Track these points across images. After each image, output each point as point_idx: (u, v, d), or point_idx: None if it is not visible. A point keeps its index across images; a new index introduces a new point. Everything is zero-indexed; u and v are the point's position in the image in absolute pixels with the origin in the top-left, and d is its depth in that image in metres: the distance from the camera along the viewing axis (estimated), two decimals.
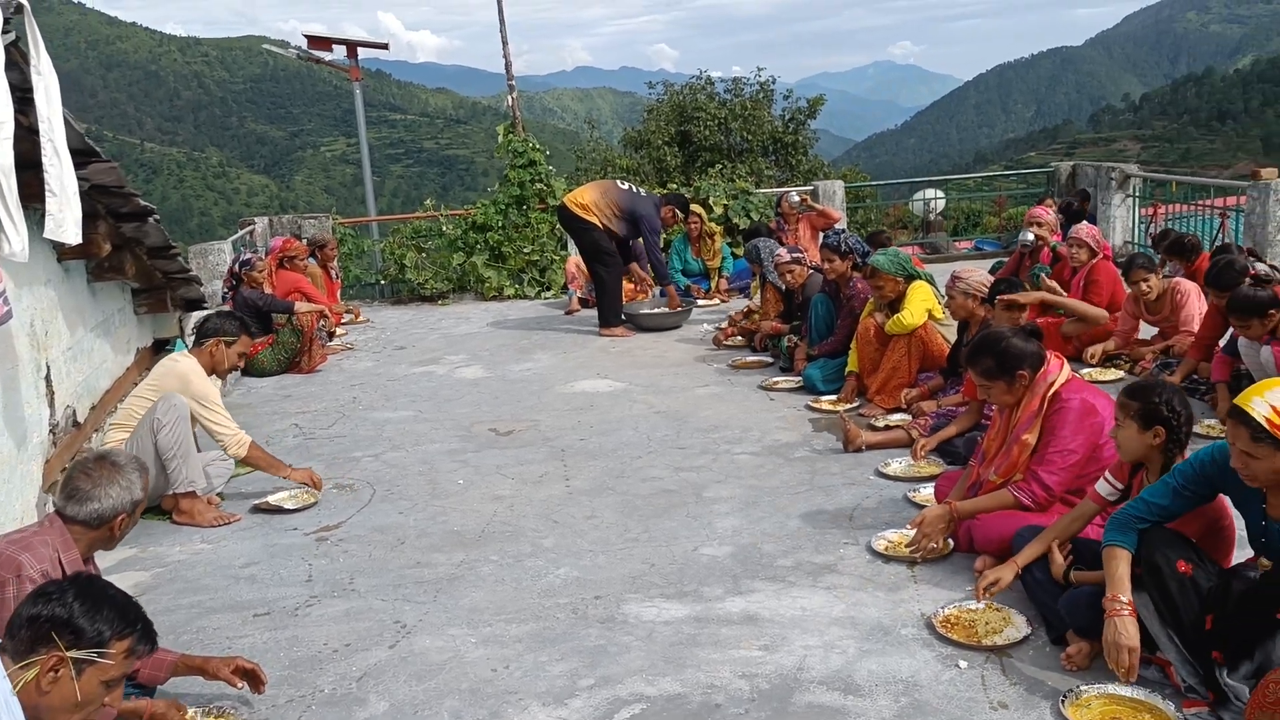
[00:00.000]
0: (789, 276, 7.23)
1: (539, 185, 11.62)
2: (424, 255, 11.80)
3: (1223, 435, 2.83)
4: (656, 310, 9.08)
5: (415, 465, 5.62)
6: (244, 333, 5.22)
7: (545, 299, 11.02)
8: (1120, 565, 2.95)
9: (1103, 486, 3.39)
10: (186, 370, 4.98)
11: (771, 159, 26.02)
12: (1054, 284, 6.43)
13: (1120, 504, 3.29)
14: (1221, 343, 5.64)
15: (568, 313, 9.98)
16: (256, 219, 11.46)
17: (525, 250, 11.31)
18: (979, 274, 5.65)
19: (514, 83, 14.62)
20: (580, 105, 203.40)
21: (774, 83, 26.86)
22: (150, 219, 5.66)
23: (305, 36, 17.42)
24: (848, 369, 6.31)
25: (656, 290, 9.96)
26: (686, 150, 25.36)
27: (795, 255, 7.25)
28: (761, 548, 4.21)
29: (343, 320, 10.01)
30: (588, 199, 8.70)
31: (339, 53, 17.47)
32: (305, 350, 8.10)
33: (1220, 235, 9.03)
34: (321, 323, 8.31)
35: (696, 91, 26.54)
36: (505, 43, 14.80)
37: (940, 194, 14.95)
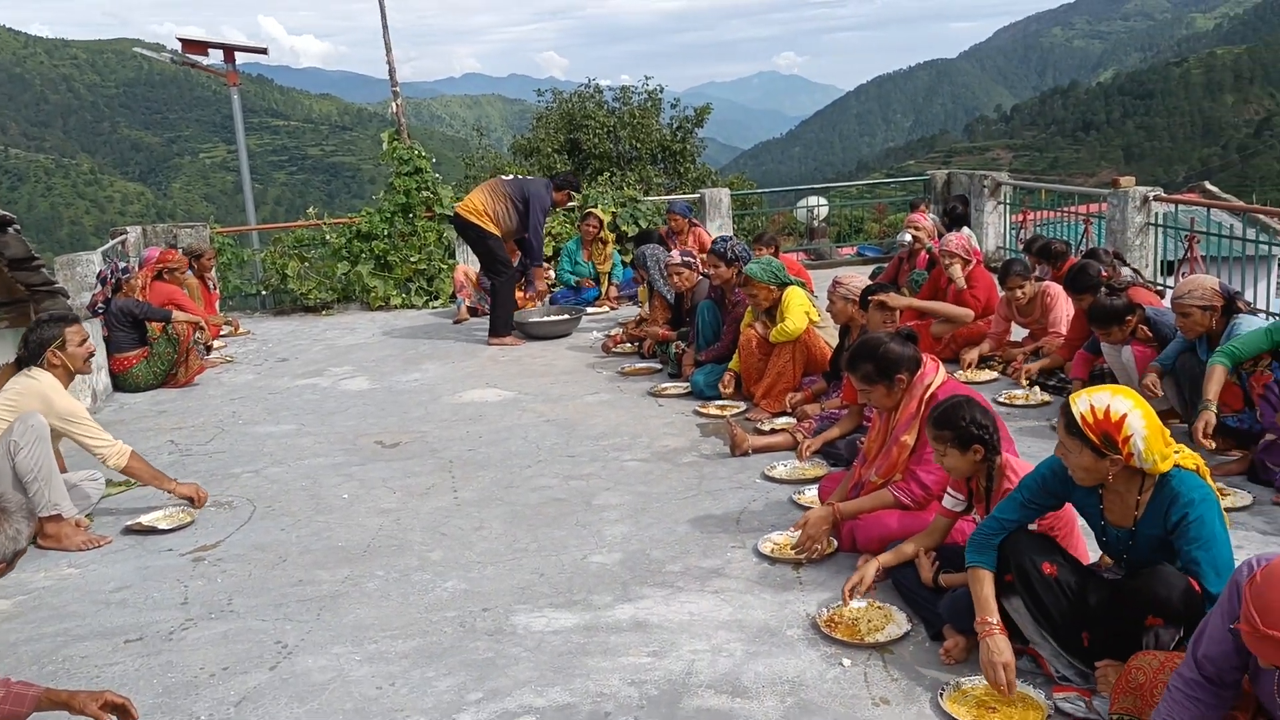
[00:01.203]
0: (677, 279, 7.29)
1: (425, 193, 11.45)
2: (307, 265, 11.50)
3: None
4: (546, 318, 9.05)
5: (298, 480, 5.48)
6: (70, 323, 4.93)
7: (433, 308, 10.87)
8: (984, 587, 3.06)
9: (948, 500, 3.55)
10: (47, 389, 4.72)
11: (660, 167, 26.22)
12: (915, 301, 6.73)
13: (966, 511, 3.42)
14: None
15: (456, 322, 9.86)
16: (129, 228, 11.00)
17: (412, 259, 11.13)
18: (858, 279, 5.79)
19: (398, 89, 14.39)
20: (469, 112, 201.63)
21: (662, 91, 27.07)
22: (10, 229, 5.39)
23: (179, 40, 16.84)
24: (729, 366, 6.39)
25: (546, 299, 9.94)
26: (576, 158, 25.36)
27: (685, 259, 7.31)
28: (650, 554, 4.23)
29: (221, 332, 9.69)
30: (477, 203, 8.63)
31: (216, 57, 16.94)
32: (181, 362, 7.81)
33: (1084, 240, 9.44)
34: (198, 335, 8.03)
35: (585, 100, 26.57)
36: (389, 48, 14.57)
37: (824, 201, 15.24)
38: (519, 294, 9.74)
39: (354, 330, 9.91)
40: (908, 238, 7.93)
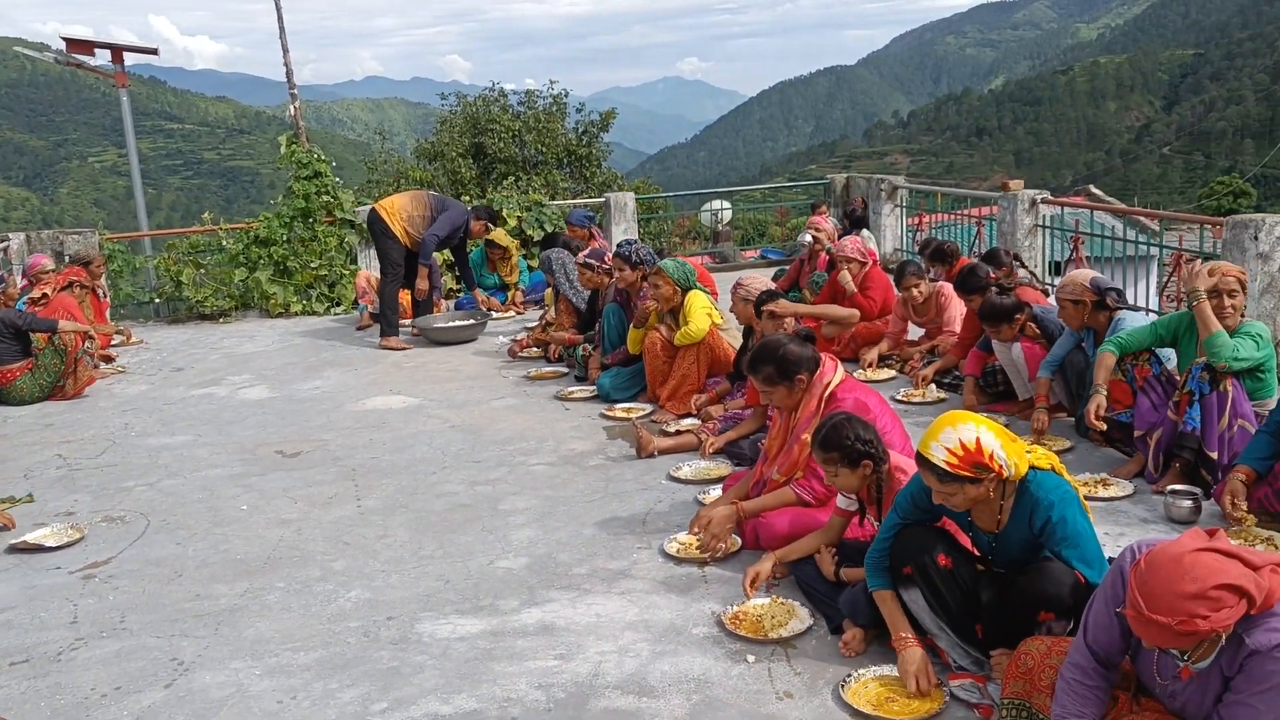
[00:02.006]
0: (585, 278, 7.32)
1: (325, 197, 11.24)
2: (203, 271, 11.20)
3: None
4: (450, 324, 8.97)
5: (194, 493, 5.33)
6: None
7: (335, 315, 10.67)
8: (890, 606, 3.17)
9: (842, 501, 3.64)
10: None
11: (566, 171, 26.16)
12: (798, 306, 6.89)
13: (860, 512, 3.52)
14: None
15: (359, 328, 9.71)
16: (11, 235, 10.56)
17: (313, 265, 10.91)
18: (759, 281, 5.88)
19: (296, 91, 14.10)
20: (371, 116, 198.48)
21: (566, 96, 27.01)
22: None
23: (64, 40, 16.21)
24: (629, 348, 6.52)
25: (451, 303, 9.87)
26: (481, 162, 25.15)
27: (588, 259, 7.32)
28: (557, 557, 4.23)
29: (112, 342, 9.36)
30: (397, 203, 8.81)
31: (104, 57, 16.35)
32: (69, 374, 7.53)
33: (977, 242, 9.75)
34: (87, 344, 7.74)
35: (490, 103, 26.36)
36: (286, 50, 14.27)
37: (727, 205, 15.43)
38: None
39: (253, 338, 9.67)
40: (808, 239, 8.09)
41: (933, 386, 6.28)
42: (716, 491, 4.72)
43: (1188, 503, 4.18)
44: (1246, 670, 2.24)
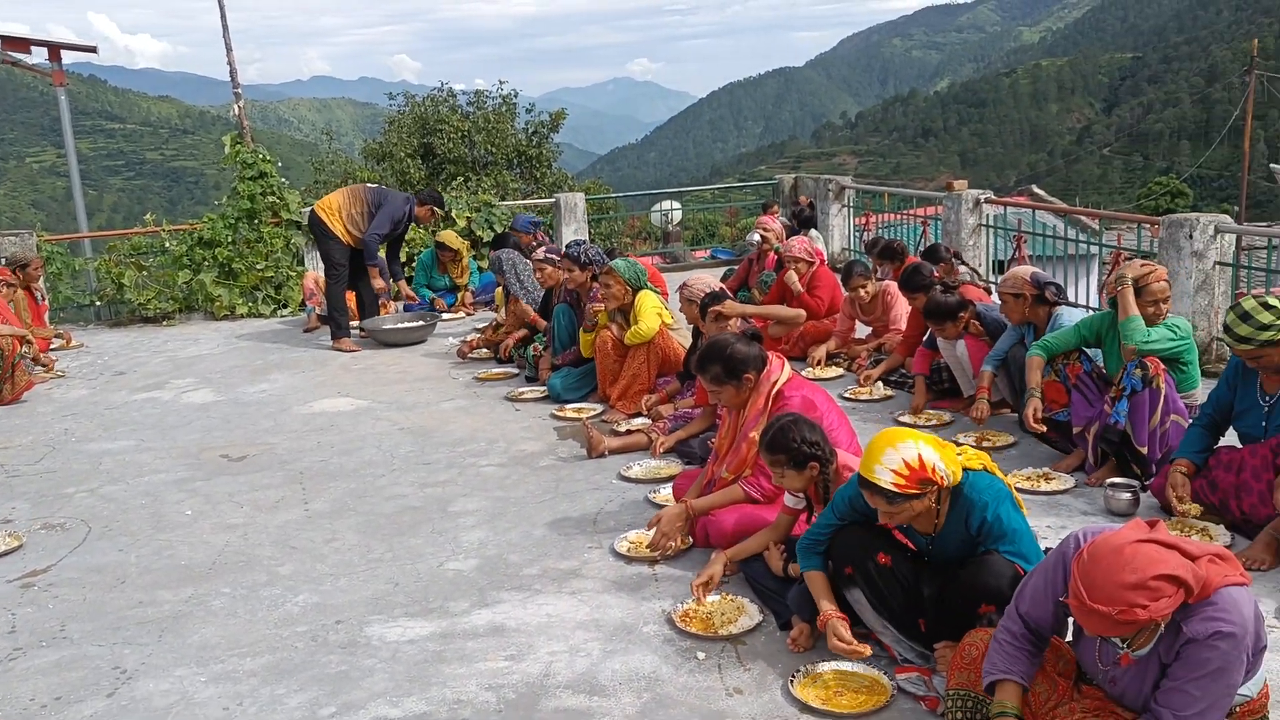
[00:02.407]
0: (540, 275, 7.30)
1: (271, 198, 11.09)
2: (145, 274, 10.99)
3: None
4: (400, 325, 8.90)
5: (137, 498, 5.24)
6: None
7: (282, 317, 10.54)
8: (818, 584, 3.24)
9: (789, 499, 3.67)
10: None
11: (516, 172, 26.08)
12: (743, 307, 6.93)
13: (807, 510, 3.59)
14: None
15: (306, 330, 9.60)
16: None
17: (259, 266, 10.76)
18: (703, 282, 5.86)
19: (240, 90, 13.89)
20: (318, 116, 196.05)
21: (516, 96, 26.93)
22: None
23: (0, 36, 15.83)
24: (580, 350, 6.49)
25: (400, 305, 9.79)
26: (430, 163, 24.99)
27: (549, 255, 7.31)
28: (508, 558, 4.22)
29: (51, 346, 9.16)
30: (334, 202, 8.66)
31: (41, 55, 15.98)
32: (6, 379, 7.35)
33: (922, 241, 9.88)
34: (24, 349, 7.57)
35: (439, 104, 26.20)
36: (229, 48, 14.05)
37: (677, 206, 15.49)
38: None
39: (198, 341, 9.52)
40: (756, 238, 8.14)
41: (879, 384, 6.35)
42: (667, 490, 4.74)
43: (1126, 495, 4.28)
44: (1183, 657, 2.30)
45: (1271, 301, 3.86)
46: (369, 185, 8.95)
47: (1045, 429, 4.82)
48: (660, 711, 3.04)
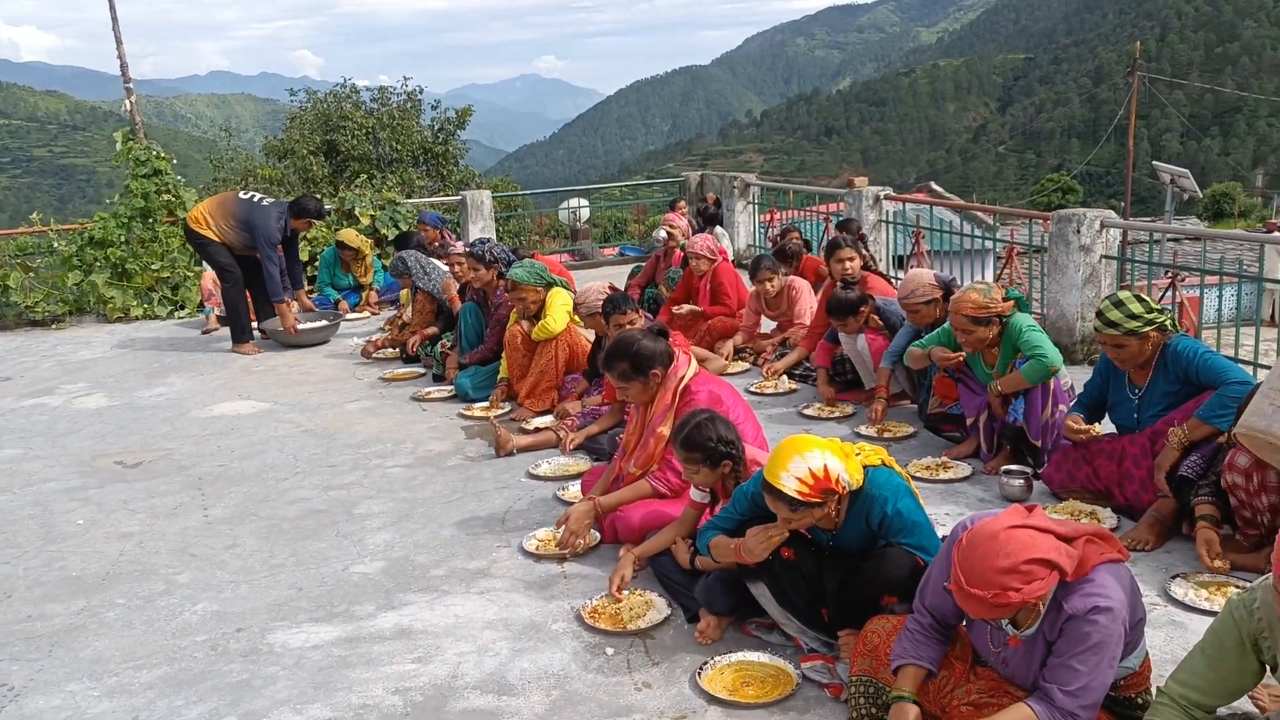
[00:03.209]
0: (457, 269, 7.24)
1: (166, 196, 10.74)
2: (32, 275, 10.56)
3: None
4: (303, 325, 8.71)
5: (25, 508, 5.03)
6: None
7: (179, 318, 10.22)
8: (722, 547, 3.25)
9: (695, 494, 3.69)
10: None
11: (422, 169, 25.77)
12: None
13: (713, 503, 3.63)
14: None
15: (204, 332, 9.34)
16: None
17: (154, 267, 10.42)
18: (593, 291, 5.78)
19: (131, 85, 13.49)
20: (217, 112, 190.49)
21: (421, 93, 26.60)
22: None
23: None
24: (499, 376, 6.40)
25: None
26: (334, 160, 24.53)
27: (469, 248, 7.22)
28: (414, 560, 4.18)
29: None
30: (203, 211, 8.33)
31: None
32: None
33: (825, 237, 10.05)
34: None
35: (342, 100, 25.73)
36: (119, 41, 13.62)
37: (585, 203, 15.47)
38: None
39: (89, 344, 9.19)
40: (663, 234, 8.19)
41: (784, 378, 6.45)
42: (575, 488, 4.74)
43: (1019, 481, 4.43)
44: (1066, 633, 2.39)
45: (1146, 298, 4.03)
46: (240, 196, 8.50)
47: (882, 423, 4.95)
48: (569, 709, 3.05)
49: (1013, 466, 4.53)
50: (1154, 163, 31.07)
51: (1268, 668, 2.23)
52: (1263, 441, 3.39)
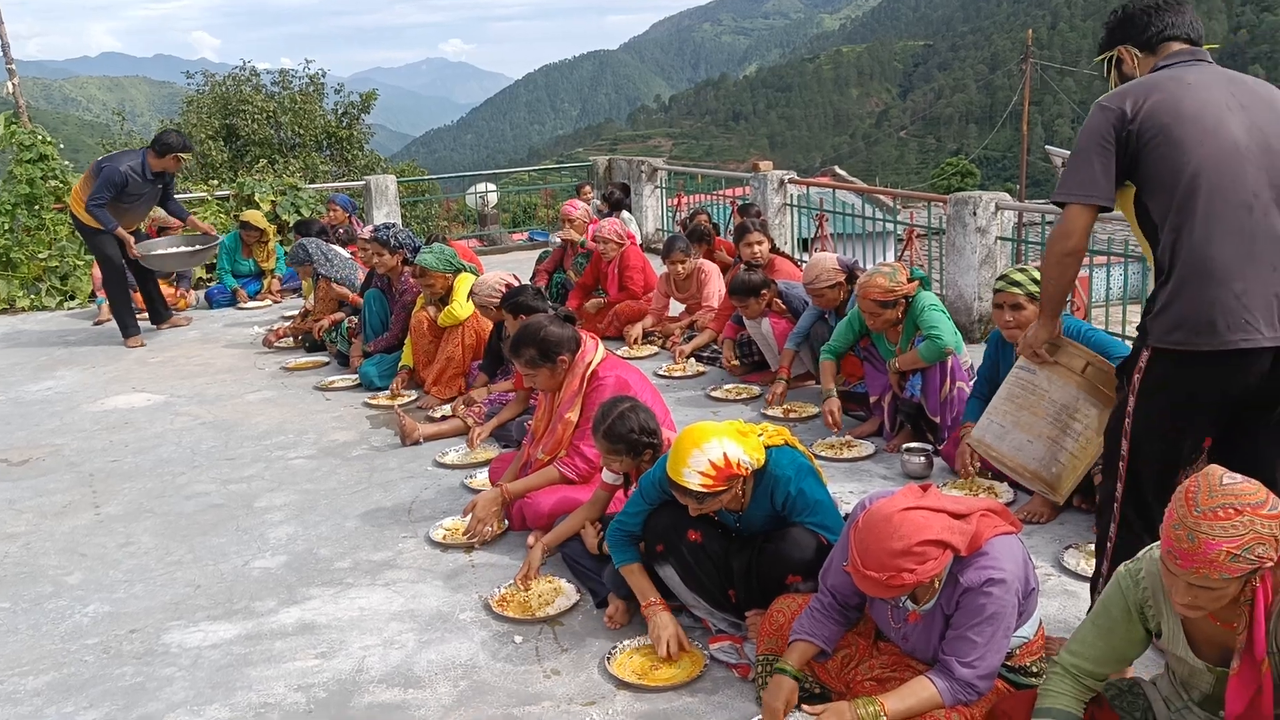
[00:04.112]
0: (361, 256, 7.09)
1: (54, 182, 10.30)
2: None
3: None
4: (169, 251, 8.26)
5: None
6: None
7: (70, 309, 9.82)
8: (637, 577, 3.24)
9: (607, 475, 3.66)
10: None
11: (326, 154, 25.24)
12: None
13: (625, 485, 3.63)
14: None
15: (97, 323, 8.98)
16: None
17: (41, 256, 9.98)
18: (489, 283, 5.68)
19: (14, 66, 12.91)
20: (110, 95, 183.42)
21: (324, 76, 26.05)
22: None
23: None
24: (401, 363, 6.30)
25: (201, 293, 9.30)
26: (234, 145, 23.87)
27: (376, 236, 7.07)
28: (318, 553, 4.09)
29: None
30: (74, 193, 7.89)
31: None
32: None
33: (732, 221, 10.12)
34: None
35: (241, 83, 25.04)
36: (0, 20, 13.01)
37: (494, 188, 15.32)
38: (171, 290, 9.11)
39: None
40: (557, 241, 8.29)
41: (692, 360, 6.48)
42: (483, 475, 4.70)
43: (920, 459, 4.52)
44: (962, 606, 2.45)
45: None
46: (100, 158, 8.02)
47: (840, 428, 4.98)
48: (477, 699, 3.02)
49: (914, 444, 4.62)
50: (1047, 147, 32.05)
51: (1153, 634, 2.31)
52: (991, 456, 3.62)
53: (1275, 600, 2.06)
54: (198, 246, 8.36)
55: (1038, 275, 4.05)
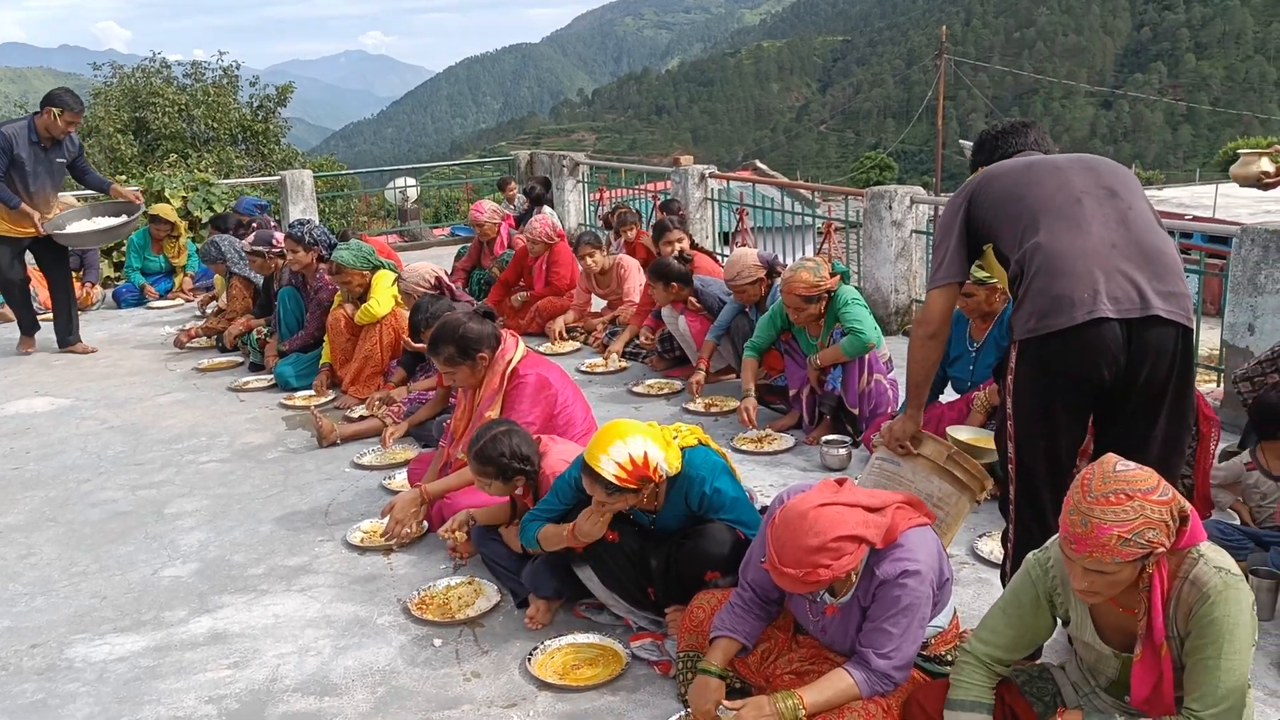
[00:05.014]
0: (256, 264, 6.93)
1: None
2: None
3: None
4: (86, 229, 7.34)
5: None
6: None
7: None
8: (551, 534, 3.21)
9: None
10: None
11: (241, 148, 24.63)
12: None
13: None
14: None
15: None
16: None
17: None
18: (418, 272, 5.62)
19: None
20: (12, 87, 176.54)
21: (239, 68, 25.43)
22: None
23: None
24: (321, 362, 6.18)
25: (109, 292, 8.99)
26: (144, 138, 23.16)
27: (255, 247, 6.91)
28: (231, 559, 3.98)
29: None
30: None
31: None
32: None
33: (654, 215, 10.13)
34: None
35: (151, 75, 24.31)
36: None
37: (414, 182, 15.13)
38: (78, 285, 8.75)
39: None
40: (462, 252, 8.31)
41: (615, 356, 6.47)
42: (402, 476, 4.63)
43: (841, 451, 4.57)
44: (878, 598, 2.48)
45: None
46: None
47: (755, 424, 5.00)
48: (395, 704, 2.97)
49: (833, 436, 4.67)
50: (960, 141, 32.72)
51: (1059, 621, 2.36)
52: None
53: (1173, 586, 2.12)
54: (123, 218, 7.48)
55: (989, 265, 4.12)
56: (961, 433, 3.78)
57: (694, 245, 6.55)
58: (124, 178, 13.92)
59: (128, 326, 8.42)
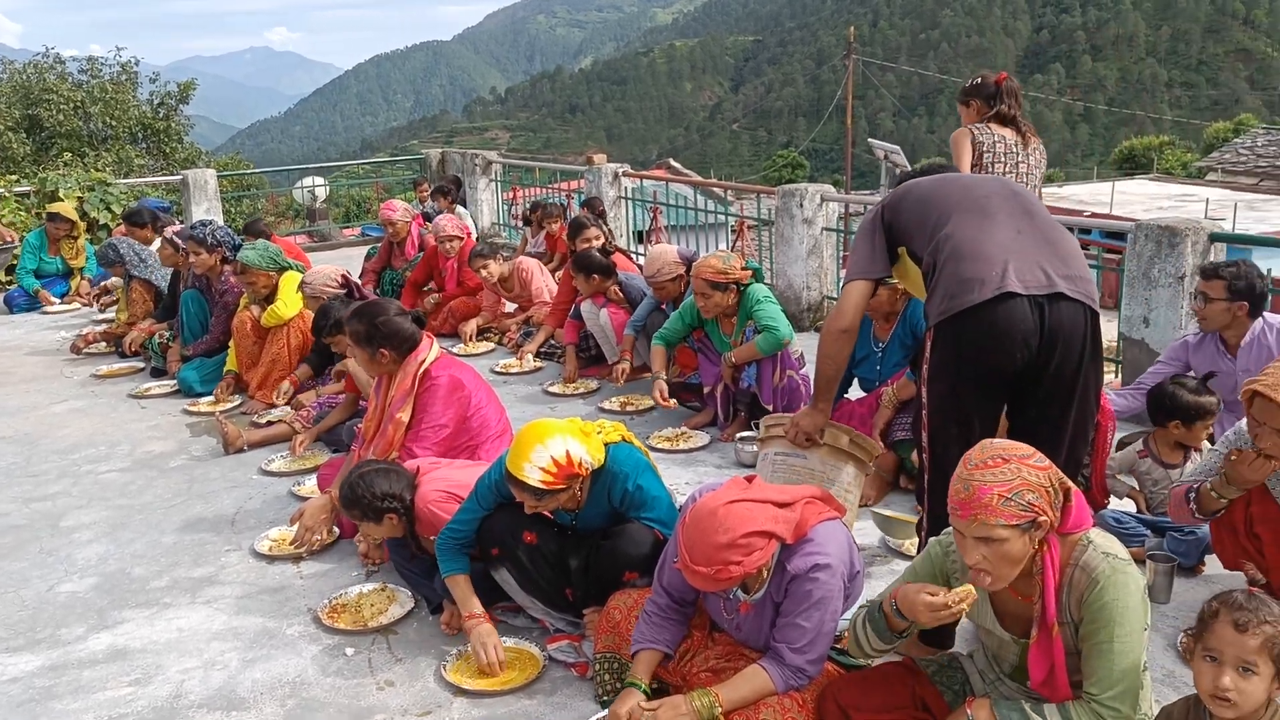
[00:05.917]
0: (166, 255, 6.73)
1: None
2: None
3: None
4: None
5: None
6: None
7: None
8: (461, 588, 3.14)
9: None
10: None
11: (142, 146, 23.86)
12: None
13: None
14: None
15: None
16: None
17: None
18: (323, 274, 5.49)
19: None
20: None
21: (138, 64, 24.62)
22: None
23: None
24: (226, 367, 6.01)
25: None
26: (38, 137, 22.27)
27: (173, 236, 6.71)
28: (132, 572, 3.85)
29: None
30: None
31: None
32: None
33: (568, 213, 10.10)
34: None
35: (44, 71, 23.40)
36: None
37: (323, 181, 14.81)
38: None
39: None
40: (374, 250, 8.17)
41: (529, 357, 6.42)
42: (311, 482, 4.52)
43: (754, 447, 4.60)
44: (790, 593, 2.50)
45: None
46: None
47: (674, 404, 5.08)
48: (307, 716, 2.89)
49: (747, 433, 4.70)
50: (870, 140, 33.34)
51: None
52: None
53: (1065, 573, 2.18)
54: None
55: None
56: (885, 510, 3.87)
57: (609, 244, 6.53)
58: (15, 178, 13.40)
59: (20, 332, 8.10)
